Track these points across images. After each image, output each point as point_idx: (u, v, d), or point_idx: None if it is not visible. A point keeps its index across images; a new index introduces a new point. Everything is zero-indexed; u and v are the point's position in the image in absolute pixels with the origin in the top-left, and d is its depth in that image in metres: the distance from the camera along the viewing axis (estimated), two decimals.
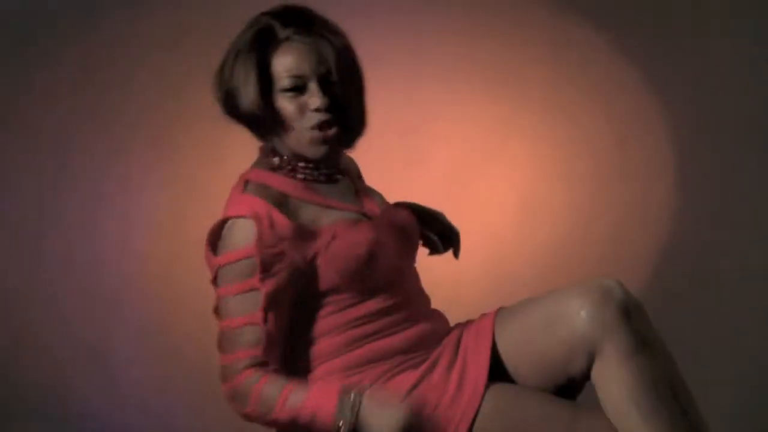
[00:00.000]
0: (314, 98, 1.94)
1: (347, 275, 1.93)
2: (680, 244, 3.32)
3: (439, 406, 1.90)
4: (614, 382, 1.84)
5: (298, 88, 1.95)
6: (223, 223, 1.93)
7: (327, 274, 1.92)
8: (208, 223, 2.10)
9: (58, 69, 3.09)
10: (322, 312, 1.95)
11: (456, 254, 2.24)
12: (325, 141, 1.96)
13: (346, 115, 1.98)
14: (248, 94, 1.94)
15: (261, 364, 1.89)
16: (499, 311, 2.02)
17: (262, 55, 1.94)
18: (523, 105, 3.29)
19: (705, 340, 3.29)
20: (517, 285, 3.19)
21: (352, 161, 2.15)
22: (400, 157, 3.19)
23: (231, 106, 1.98)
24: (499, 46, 3.28)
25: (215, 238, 1.93)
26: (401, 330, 1.97)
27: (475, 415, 1.88)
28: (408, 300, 2.00)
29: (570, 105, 3.30)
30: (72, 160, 3.10)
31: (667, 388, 1.84)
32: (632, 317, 1.87)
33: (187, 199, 3.12)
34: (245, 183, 1.97)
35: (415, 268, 2.10)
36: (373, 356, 1.95)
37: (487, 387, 1.91)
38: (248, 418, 1.91)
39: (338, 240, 1.93)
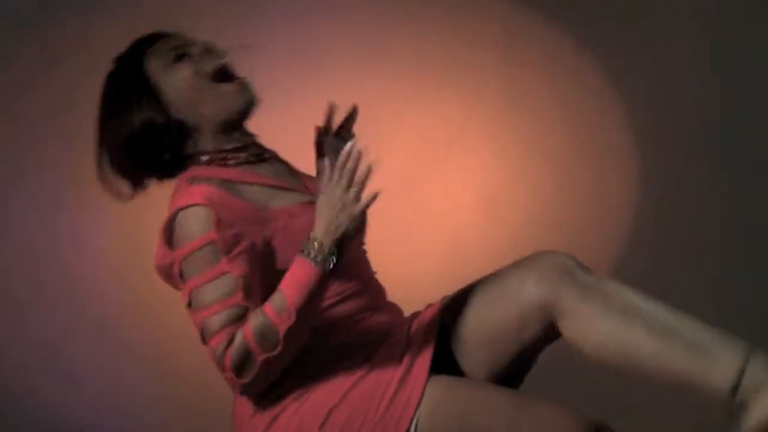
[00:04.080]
0: (207, 57, 1.99)
1: None
2: (639, 240, 3.34)
3: (383, 400, 1.89)
4: (587, 322, 1.87)
5: (181, 57, 1.99)
6: (174, 216, 1.88)
7: (285, 255, 1.90)
8: (162, 221, 2.07)
9: (14, 67, 3.07)
10: None
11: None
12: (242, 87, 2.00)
13: None
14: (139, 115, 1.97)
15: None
16: (444, 300, 2.03)
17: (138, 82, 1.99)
18: (480, 100, 3.29)
19: None
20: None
21: (276, 153, 2.14)
22: None
23: (134, 151, 1.99)
24: (457, 40, 3.28)
25: (169, 234, 1.88)
26: (361, 320, 1.96)
27: (417, 407, 1.88)
28: (366, 286, 2.00)
29: (527, 100, 3.31)
30: (27, 158, 3.08)
31: (634, 295, 1.89)
32: (574, 270, 1.91)
33: (143, 196, 3.10)
34: (189, 179, 1.94)
35: (366, 256, 2.09)
36: (328, 353, 1.93)
37: (430, 379, 1.91)
38: (269, 365, 1.82)
39: (296, 219, 1.92)
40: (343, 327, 1.94)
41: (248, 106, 1.98)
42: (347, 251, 1.85)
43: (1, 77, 3.06)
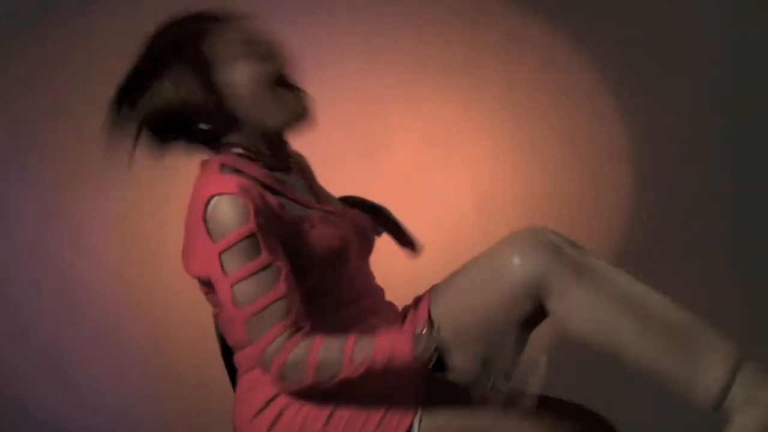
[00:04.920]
0: (270, 62, 1.97)
1: (320, 266, 1.90)
2: (635, 240, 3.34)
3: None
4: (578, 306, 1.86)
5: (246, 54, 1.96)
6: (208, 201, 1.84)
7: (300, 262, 1.89)
8: (162, 222, 2.08)
9: (14, 67, 3.07)
10: None
11: (411, 247, 2.23)
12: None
13: None
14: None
15: (298, 330, 1.83)
16: (433, 289, 2.02)
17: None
18: (480, 101, 3.29)
19: None
20: None
21: (302, 158, 2.13)
22: (356, 154, 3.18)
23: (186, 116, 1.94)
24: (457, 41, 3.28)
25: (206, 221, 1.84)
26: (362, 325, 1.95)
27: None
28: (361, 295, 2.00)
29: (526, 101, 3.31)
30: (26, 159, 3.08)
31: (626, 280, 1.91)
32: (562, 245, 1.91)
33: (141, 199, 3.11)
34: (220, 165, 1.92)
35: (370, 268, 2.09)
36: None
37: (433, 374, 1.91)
38: (307, 389, 1.84)
39: (316, 229, 1.91)
40: (343, 331, 1.92)
41: (297, 119, 1.96)
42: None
43: (1, 77, 3.07)
